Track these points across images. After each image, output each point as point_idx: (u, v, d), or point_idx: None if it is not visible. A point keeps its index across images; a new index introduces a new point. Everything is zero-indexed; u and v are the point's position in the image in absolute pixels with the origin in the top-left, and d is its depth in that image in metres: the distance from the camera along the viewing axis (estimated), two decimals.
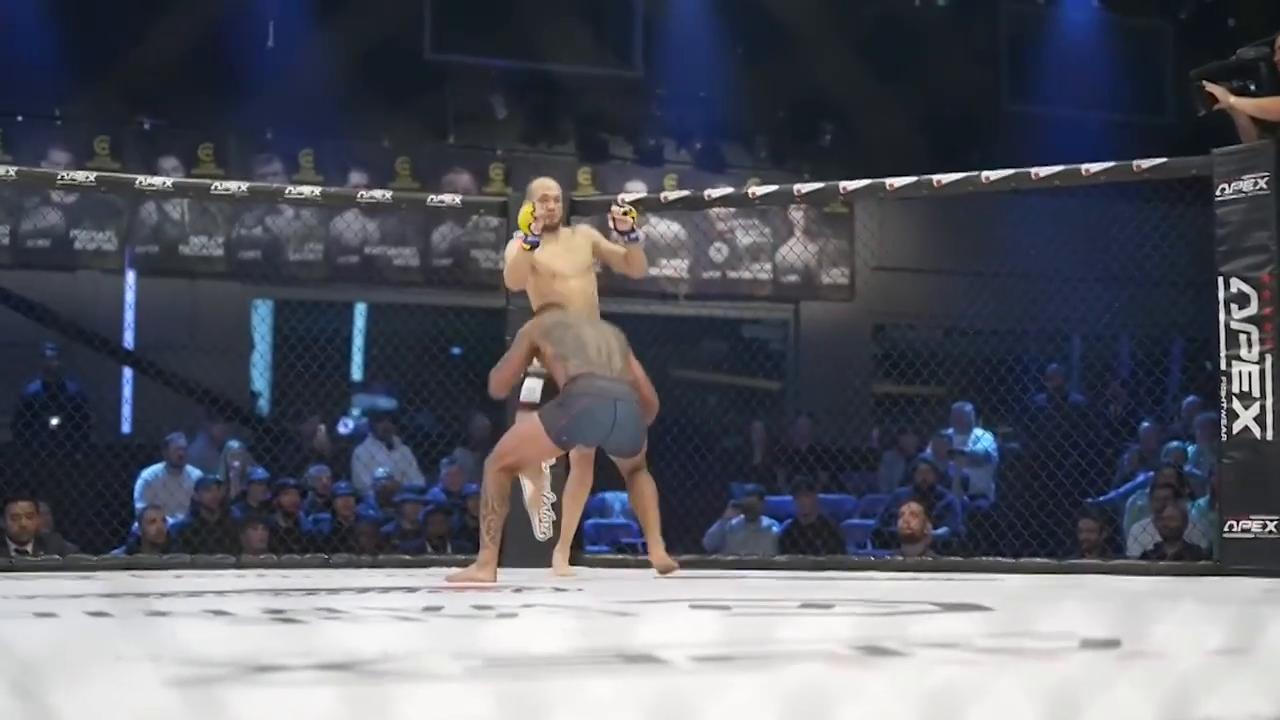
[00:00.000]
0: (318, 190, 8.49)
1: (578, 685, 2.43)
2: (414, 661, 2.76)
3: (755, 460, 11.73)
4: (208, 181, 9.48)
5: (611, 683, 2.44)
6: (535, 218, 6.63)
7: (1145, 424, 10.89)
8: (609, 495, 10.34)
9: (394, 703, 2.19)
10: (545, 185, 6.98)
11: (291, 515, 9.53)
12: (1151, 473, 9.74)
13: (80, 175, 8.24)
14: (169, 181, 8.63)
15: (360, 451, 11.02)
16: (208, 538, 8.90)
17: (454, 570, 6.43)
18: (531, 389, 6.52)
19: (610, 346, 6.32)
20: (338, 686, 2.33)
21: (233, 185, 8.24)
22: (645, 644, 3.17)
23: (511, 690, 2.33)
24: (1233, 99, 6.66)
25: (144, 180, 8.08)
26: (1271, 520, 6.40)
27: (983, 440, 11.16)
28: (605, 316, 6.83)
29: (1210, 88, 6.69)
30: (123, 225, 13.04)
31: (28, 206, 12.70)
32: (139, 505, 9.62)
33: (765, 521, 10.17)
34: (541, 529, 6.83)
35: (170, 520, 9.33)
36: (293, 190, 8.50)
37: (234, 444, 10.86)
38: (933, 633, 3.53)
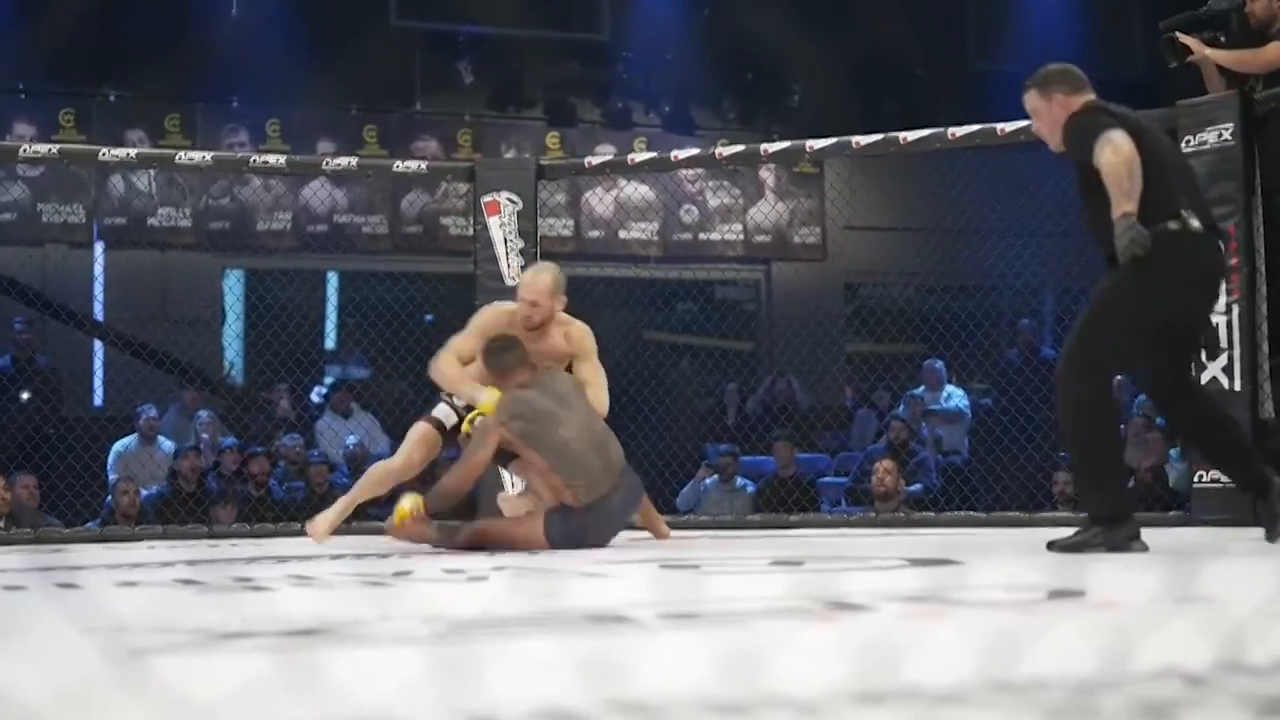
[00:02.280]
0: (283, 159, 8.46)
1: (531, 646, 2.43)
2: (380, 626, 2.77)
3: (729, 421, 11.75)
4: (171, 152, 9.42)
5: (567, 642, 2.44)
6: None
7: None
8: None
9: (354, 666, 2.19)
10: (524, 284, 6.21)
11: (262, 484, 9.52)
12: (1122, 426, 9.78)
13: (44, 148, 8.18)
14: (133, 153, 8.58)
15: (321, 426, 10.99)
16: (180, 509, 8.88)
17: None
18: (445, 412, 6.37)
19: (593, 428, 5.73)
20: (300, 653, 2.33)
21: (197, 155, 8.19)
22: (611, 604, 3.18)
23: (466, 653, 2.33)
24: (1208, 50, 6.66)
25: (108, 152, 8.03)
26: None
27: (955, 397, 11.19)
28: (576, 281, 6.73)
29: (1184, 39, 6.68)
30: (90, 198, 12.98)
31: None
32: (112, 478, 9.60)
33: (739, 481, 10.20)
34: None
35: (144, 492, 9.32)
36: (257, 159, 8.46)
37: (204, 414, 10.84)
38: (900, 587, 3.54)
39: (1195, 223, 4.66)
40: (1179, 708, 1.67)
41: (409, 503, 5.60)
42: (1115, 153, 4.50)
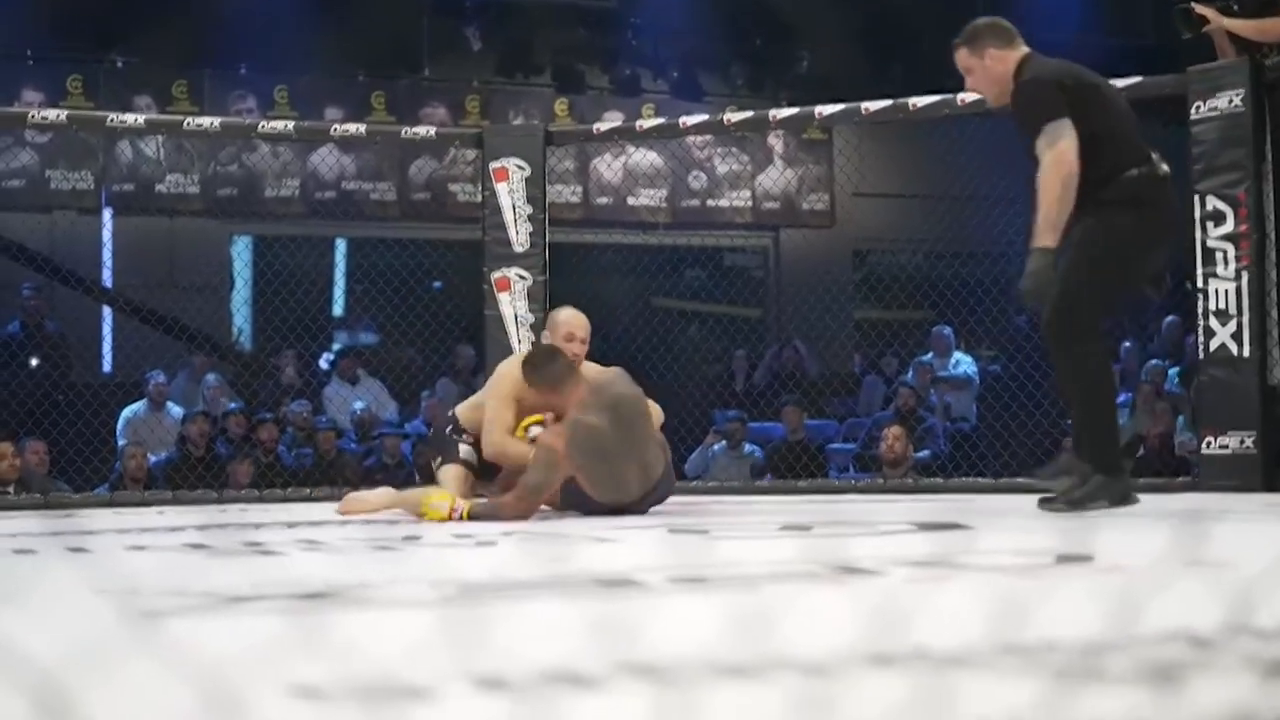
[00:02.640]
0: (290, 125, 8.43)
1: (541, 609, 2.44)
2: (389, 589, 2.78)
3: (737, 387, 11.75)
4: (179, 118, 9.42)
5: (577, 605, 2.45)
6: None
7: (1126, 344, 10.91)
8: None
9: (363, 628, 2.20)
10: (570, 322, 5.86)
11: (271, 450, 9.54)
12: (1130, 393, 9.79)
13: (52, 114, 8.17)
14: (141, 119, 8.55)
15: (329, 393, 11.00)
16: (189, 474, 8.90)
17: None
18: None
19: (645, 459, 5.42)
20: (310, 615, 2.34)
21: (205, 121, 8.18)
22: (621, 568, 3.19)
23: (475, 615, 2.34)
24: (1226, 20, 6.63)
25: (116, 118, 8.01)
26: (1249, 436, 6.43)
27: (963, 364, 11.18)
28: (585, 248, 6.70)
29: (1200, 9, 6.65)
30: (98, 164, 12.97)
31: (1, 147, 12.60)
32: (121, 443, 9.62)
33: (748, 447, 10.20)
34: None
35: (153, 458, 9.34)
36: (265, 125, 8.45)
37: (211, 377, 10.85)
38: (908, 552, 3.54)
39: (1165, 167, 4.64)
40: (1186, 670, 1.67)
41: (446, 504, 5.19)
42: (1056, 165, 4.37)
